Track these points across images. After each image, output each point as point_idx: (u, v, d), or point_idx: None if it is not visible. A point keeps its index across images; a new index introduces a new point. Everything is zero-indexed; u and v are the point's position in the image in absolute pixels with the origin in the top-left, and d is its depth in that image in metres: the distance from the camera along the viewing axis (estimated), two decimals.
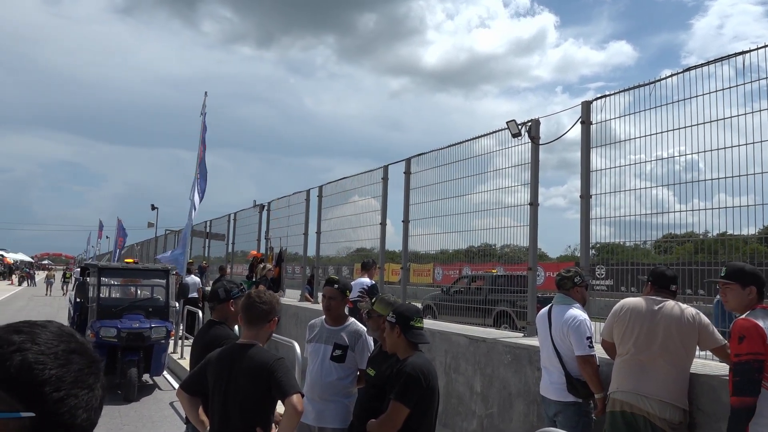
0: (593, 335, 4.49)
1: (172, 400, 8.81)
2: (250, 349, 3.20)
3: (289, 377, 3.07)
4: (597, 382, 4.34)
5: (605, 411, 4.21)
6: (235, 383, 3.15)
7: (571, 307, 4.59)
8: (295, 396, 2.99)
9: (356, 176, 10.07)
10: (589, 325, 4.47)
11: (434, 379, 3.53)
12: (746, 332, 3.25)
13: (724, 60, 4.64)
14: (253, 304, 3.31)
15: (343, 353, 4.23)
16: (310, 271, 11.87)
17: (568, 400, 4.47)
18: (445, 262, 10.43)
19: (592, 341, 4.40)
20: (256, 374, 3.09)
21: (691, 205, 4.97)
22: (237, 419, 3.13)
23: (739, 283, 3.49)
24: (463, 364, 6.17)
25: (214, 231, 18.95)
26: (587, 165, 5.61)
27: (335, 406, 4.17)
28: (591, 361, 4.37)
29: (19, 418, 0.87)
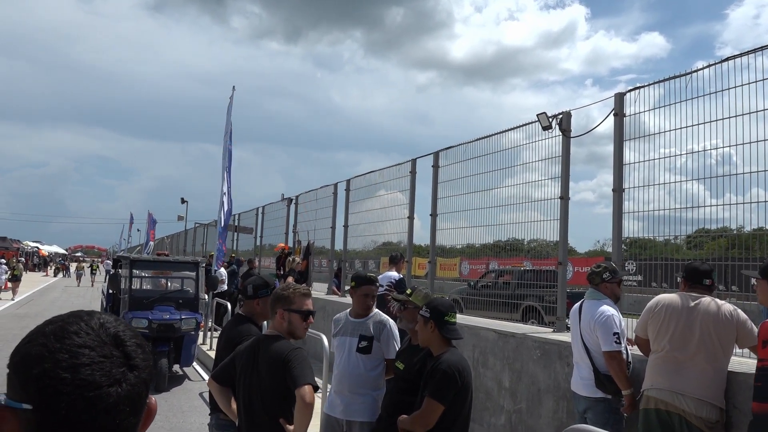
0: (623, 331, 4.43)
1: (201, 391, 8.94)
2: (273, 341, 3.21)
3: (302, 368, 3.02)
4: (623, 378, 4.28)
5: (636, 408, 4.17)
6: (257, 374, 3.18)
7: (602, 302, 4.53)
8: (305, 387, 2.93)
9: (384, 170, 10.07)
10: (618, 321, 4.40)
11: (469, 376, 3.50)
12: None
13: (760, 51, 4.53)
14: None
15: (369, 344, 4.21)
16: (337, 265, 11.92)
17: (597, 396, 4.42)
18: (472, 256, 10.37)
19: (619, 337, 4.33)
20: (274, 365, 3.10)
21: (724, 199, 4.87)
22: (260, 410, 3.15)
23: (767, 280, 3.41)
24: (491, 359, 6.14)
25: (242, 224, 19.12)
26: (620, 158, 5.52)
27: (363, 400, 4.17)
28: (617, 357, 4.30)
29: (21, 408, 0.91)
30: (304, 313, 3.31)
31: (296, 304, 3.30)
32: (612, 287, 4.62)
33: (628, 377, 4.30)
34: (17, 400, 0.91)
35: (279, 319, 3.30)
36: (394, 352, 4.29)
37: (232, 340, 3.83)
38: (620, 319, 4.46)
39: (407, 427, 3.47)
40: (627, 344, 4.56)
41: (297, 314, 3.29)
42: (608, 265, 4.79)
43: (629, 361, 4.47)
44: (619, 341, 4.33)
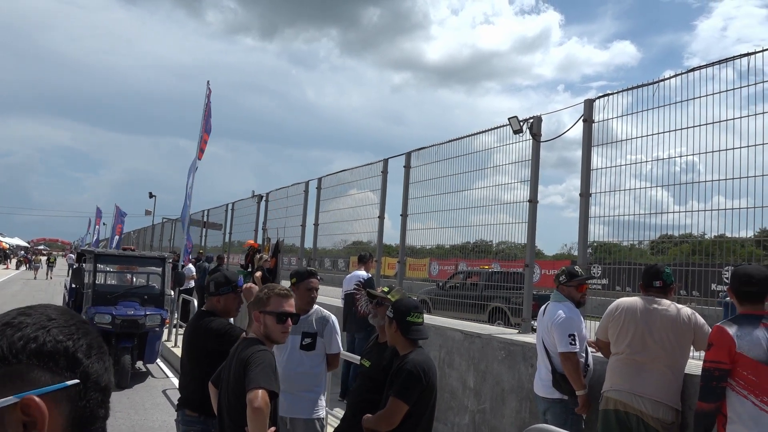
0: (582, 333, 4.50)
1: (165, 388, 8.81)
2: (248, 343, 3.11)
3: (258, 371, 2.83)
4: (578, 379, 4.35)
5: (589, 408, 4.28)
6: (229, 377, 3.10)
7: (561, 304, 4.60)
8: (256, 391, 2.73)
9: (356, 169, 10.06)
10: (574, 323, 4.46)
11: (434, 376, 3.50)
12: (715, 340, 3.32)
13: (727, 62, 4.64)
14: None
15: (312, 341, 4.14)
16: (306, 263, 11.87)
17: (554, 396, 4.50)
18: (442, 257, 10.43)
19: (575, 339, 4.39)
20: (239, 367, 2.98)
21: (688, 206, 4.97)
22: (226, 415, 3.07)
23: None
24: (457, 359, 6.18)
25: (211, 220, 18.92)
26: (588, 163, 5.61)
27: (307, 396, 4.09)
28: (572, 358, 4.37)
29: (65, 387, 0.90)
30: (279, 315, 3.13)
31: (271, 305, 3.15)
32: (569, 290, 4.67)
33: (582, 378, 4.37)
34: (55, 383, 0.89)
35: (255, 322, 3.17)
36: (338, 347, 4.30)
37: (192, 334, 3.81)
38: (578, 322, 4.51)
39: (371, 426, 3.46)
40: (589, 346, 4.64)
41: (272, 316, 3.13)
42: (568, 269, 4.84)
43: (588, 363, 4.54)
44: (574, 342, 4.39)
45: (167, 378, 9.64)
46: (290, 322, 3.20)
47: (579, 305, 4.67)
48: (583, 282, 4.72)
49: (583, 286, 4.72)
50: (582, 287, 4.71)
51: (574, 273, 4.73)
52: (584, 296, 4.74)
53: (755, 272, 3.38)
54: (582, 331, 4.54)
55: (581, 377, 4.38)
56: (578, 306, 4.67)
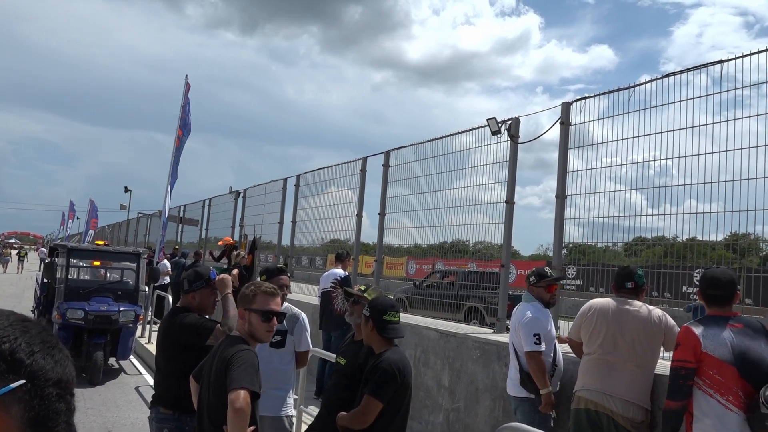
0: (549, 333, 4.57)
1: (138, 385, 8.72)
2: (231, 341, 3.06)
3: (240, 371, 2.78)
4: (541, 378, 4.44)
5: (552, 407, 4.39)
6: (210, 375, 3.05)
7: (529, 305, 4.69)
8: (238, 392, 2.68)
9: (334, 167, 10.05)
10: (540, 323, 4.54)
11: (409, 375, 3.52)
12: (682, 339, 3.41)
13: (701, 68, 4.72)
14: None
15: (282, 338, 4.13)
16: (283, 260, 11.83)
17: (522, 395, 4.58)
18: (419, 256, 10.47)
19: (540, 338, 4.47)
20: (221, 366, 2.94)
21: (661, 209, 5.05)
22: (206, 414, 3.03)
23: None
24: (432, 358, 6.21)
25: (187, 216, 18.74)
26: (564, 165, 5.67)
27: (275, 394, 4.08)
28: (536, 357, 4.45)
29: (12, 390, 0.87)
30: (264, 314, 3.07)
31: (257, 303, 3.08)
32: (539, 291, 4.75)
33: (546, 377, 4.45)
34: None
35: (240, 319, 3.12)
36: (307, 345, 4.32)
37: (167, 330, 3.77)
38: (544, 322, 4.59)
39: (345, 423, 3.46)
40: (560, 343, 4.72)
41: (257, 314, 3.06)
42: (537, 270, 4.92)
43: (556, 364, 4.61)
44: (539, 342, 4.47)
45: (140, 375, 9.54)
46: (276, 320, 3.15)
47: (548, 305, 4.75)
48: (552, 283, 4.78)
49: (553, 286, 4.78)
50: (551, 288, 4.77)
51: (543, 274, 4.80)
52: (554, 297, 4.81)
53: (722, 276, 3.46)
54: (549, 332, 4.62)
55: (545, 376, 4.46)
56: (548, 306, 4.75)
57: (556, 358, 4.61)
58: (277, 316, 3.16)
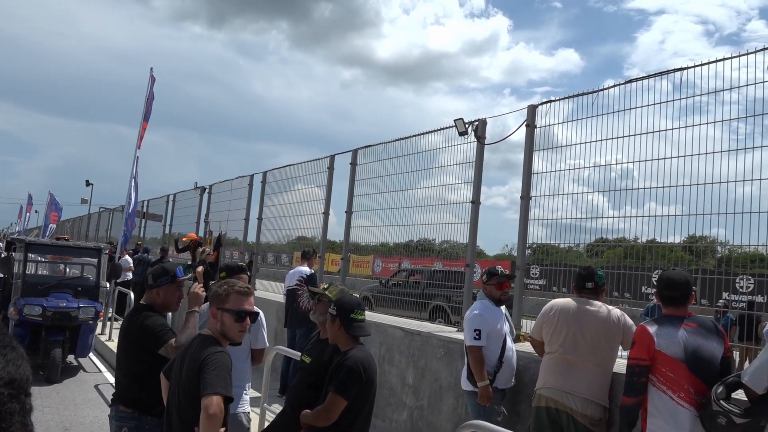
0: (489, 329, 4.68)
1: (97, 383, 8.55)
2: (202, 341, 3.01)
3: (214, 375, 2.73)
4: (478, 371, 4.60)
5: (489, 399, 4.54)
6: (180, 376, 2.99)
7: (479, 302, 4.89)
8: (212, 397, 2.64)
9: (302, 164, 10.00)
10: (483, 319, 4.70)
11: (374, 373, 3.53)
12: (637, 338, 3.53)
13: (664, 75, 4.83)
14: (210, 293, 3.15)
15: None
16: (248, 257, 11.73)
17: (469, 389, 4.75)
18: (385, 254, 10.50)
19: (480, 333, 4.63)
20: (192, 367, 2.88)
21: (623, 211, 5.15)
22: (176, 414, 2.97)
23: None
24: (397, 356, 6.23)
25: (151, 211, 18.44)
26: (529, 167, 5.74)
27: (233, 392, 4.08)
28: (474, 352, 4.64)
29: None
30: (238, 314, 3.03)
31: (230, 302, 3.03)
32: (490, 288, 4.90)
33: (483, 371, 4.60)
34: None
35: (212, 318, 3.06)
36: (263, 342, 4.33)
37: (130, 328, 3.69)
38: (488, 318, 4.72)
39: (309, 421, 3.46)
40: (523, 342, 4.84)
41: (230, 314, 3.02)
42: (488, 268, 5.08)
43: (502, 360, 4.70)
44: (478, 337, 4.64)
45: (100, 373, 9.35)
46: (249, 321, 3.11)
47: (499, 303, 4.90)
48: (502, 281, 4.91)
49: (503, 284, 4.92)
50: (501, 286, 4.90)
51: (493, 272, 4.95)
52: (505, 294, 4.94)
53: (677, 277, 3.57)
54: (497, 328, 4.74)
55: (482, 370, 4.61)
56: (499, 304, 4.89)
57: (504, 355, 4.72)
58: (250, 316, 3.12)
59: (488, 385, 4.58)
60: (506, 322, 4.90)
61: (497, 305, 4.88)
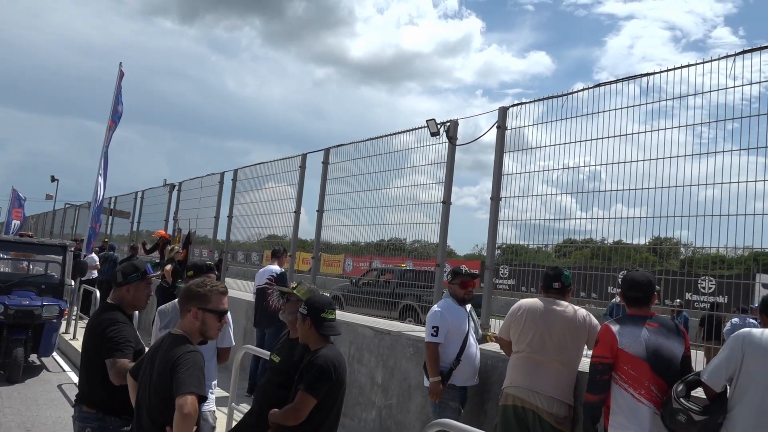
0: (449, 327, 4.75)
1: (60, 383, 8.37)
2: (174, 340, 2.98)
3: (188, 374, 2.74)
4: (431, 367, 4.71)
5: (439, 395, 4.63)
6: (151, 375, 2.96)
7: (442, 300, 5.00)
8: (187, 397, 2.64)
9: (273, 162, 9.95)
10: (442, 316, 4.78)
11: (344, 372, 3.54)
12: (600, 337, 3.61)
13: (632, 79, 4.91)
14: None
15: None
16: (218, 256, 11.62)
17: (426, 385, 4.83)
18: (357, 253, 10.49)
19: (437, 330, 4.73)
20: (164, 367, 2.86)
21: (591, 213, 5.23)
22: (146, 414, 2.93)
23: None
24: (366, 355, 6.23)
25: (118, 208, 18.14)
26: (499, 168, 5.79)
27: None
28: (429, 348, 4.76)
29: None
30: (219, 313, 3.09)
31: (213, 303, 3.07)
32: (454, 287, 4.98)
33: (436, 367, 4.69)
34: None
35: (191, 318, 3.05)
36: (229, 341, 4.32)
37: (96, 328, 3.61)
38: (447, 316, 4.79)
39: (278, 420, 3.44)
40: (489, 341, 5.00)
41: (213, 314, 3.06)
42: (453, 268, 5.16)
43: (460, 358, 4.75)
44: (435, 334, 4.74)
45: (64, 372, 9.17)
46: (226, 319, 3.19)
47: (463, 302, 4.96)
48: (465, 280, 4.96)
49: (467, 283, 4.97)
50: (465, 285, 4.97)
51: (458, 271, 5.02)
52: (469, 293, 4.99)
53: (640, 278, 3.66)
54: (457, 326, 4.79)
55: (434, 366, 4.70)
56: (462, 303, 4.95)
57: (463, 353, 4.76)
58: (227, 314, 3.21)
59: (438, 381, 4.66)
60: (470, 321, 4.95)
61: (461, 304, 4.95)
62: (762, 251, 3.99)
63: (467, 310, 4.99)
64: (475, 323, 5.08)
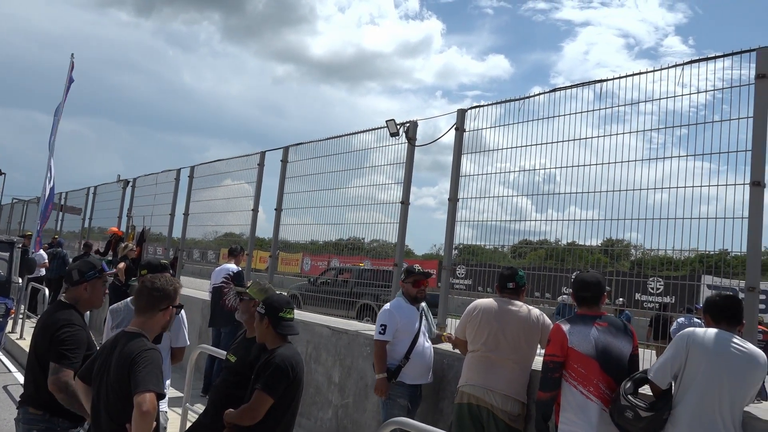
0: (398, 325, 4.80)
1: (6, 384, 8.10)
2: (132, 338, 2.97)
3: (147, 372, 2.76)
4: (377, 364, 4.79)
5: (384, 392, 4.69)
6: (108, 374, 2.93)
7: (395, 299, 5.05)
8: (145, 394, 2.65)
9: (231, 159, 9.84)
10: (391, 314, 4.84)
11: (301, 371, 3.54)
12: (552, 336, 3.73)
13: (587, 85, 5.03)
14: (144, 290, 3.10)
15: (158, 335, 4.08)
16: (173, 253, 11.42)
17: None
18: (315, 252, 10.46)
19: (385, 328, 4.79)
20: (122, 365, 2.84)
21: (546, 215, 5.33)
22: (105, 413, 2.90)
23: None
24: (323, 355, 6.23)
25: (69, 204, 17.63)
26: (457, 170, 5.86)
27: None
28: (376, 345, 4.83)
29: None
30: (180, 307, 3.27)
31: (178, 298, 3.22)
32: (407, 286, 5.04)
33: (382, 364, 4.76)
34: None
35: (163, 316, 3.11)
36: (184, 340, 4.30)
37: (49, 328, 3.49)
38: (397, 315, 4.84)
39: (234, 420, 3.42)
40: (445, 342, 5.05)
41: (176, 309, 3.22)
42: (406, 267, 5.24)
43: (408, 357, 4.80)
44: (383, 332, 4.79)
45: (10, 373, 8.86)
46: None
47: (415, 301, 5.01)
48: (418, 279, 5.01)
49: (420, 282, 5.03)
50: (418, 283, 5.02)
51: (411, 271, 5.09)
52: (421, 292, 5.04)
53: (590, 279, 3.79)
54: (404, 325, 4.83)
55: (380, 363, 4.77)
56: (415, 301, 5.00)
57: (413, 351, 4.80)
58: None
59: (384, 378, 4.72)
60: (423, 320, 5.00)
61: (414, 303, 4.99)
62: (707, 253, 4.14)
63: (420, 309, 5.03)
64: (428, 322, 5.12)
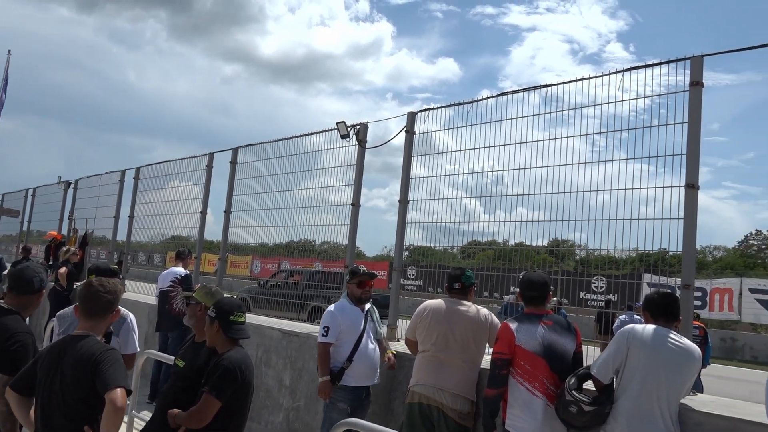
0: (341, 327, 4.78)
1: None
2: (83, 341, 2.93)
3: (114, 369, 2.80)
4: (320, 366, 4.77)
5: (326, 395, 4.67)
6: (60, 378, 2.88)
7: (340, 300, 5.02)
8: (117, 391, 2.70)
9: (179, 161, 9.65)
10: (333, 316, 4.81)
11: (251, 374, 3.51)
12: (500, 334, 3.82)
13: (534, 89, 5.14)
14: (97, 294, 3.06)
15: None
16: (117, 257, 11.12)
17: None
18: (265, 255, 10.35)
19: (328, 330, 4.76)
20: (81, 366, 2.83)
21: (495, 216, 5.44)
22: (60, 417, 2.86)
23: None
24: (274, 358, 6.18)
25: (6, 206, 16.95)
26: (408, 172, 5.91)
27: None
28: (319, 347, 4.79)
29: None
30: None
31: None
32: (351, 287, 5.01)
33: (325, 366, 4.72)
34: None
35: (114, 316, 3.24)
36: (134, 347, 4.26)
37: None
38: (338, 317, 4.81)
39: (182, 422, 3.37)
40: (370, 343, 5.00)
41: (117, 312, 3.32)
42: (351, 267, 5.25)
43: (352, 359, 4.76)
44: (325, 334, 4.76)
45: None
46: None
47: (360, 301, 4.97)
48: (363, 279, 4.99)
49: (365, 283, 5.00)
50: (363, 284, 4.99)
51: (355, 271, 5.08)
52: (366, 293, 5.01)
53: (536, 279, 3.89)
54: (347, 326, 4.81)
55: (323, 366, 4.73)
56: (360, 302, 4.96)
57: (356, 353, 4.76)
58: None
59: (327, 381, 4.67)
60: (368, 322, 4.95)
61: (358, 304, 4.94)
62: (647, 252, 4.29)
63: (364, 310, 4.98)
64: (375, 323, 5.08)
